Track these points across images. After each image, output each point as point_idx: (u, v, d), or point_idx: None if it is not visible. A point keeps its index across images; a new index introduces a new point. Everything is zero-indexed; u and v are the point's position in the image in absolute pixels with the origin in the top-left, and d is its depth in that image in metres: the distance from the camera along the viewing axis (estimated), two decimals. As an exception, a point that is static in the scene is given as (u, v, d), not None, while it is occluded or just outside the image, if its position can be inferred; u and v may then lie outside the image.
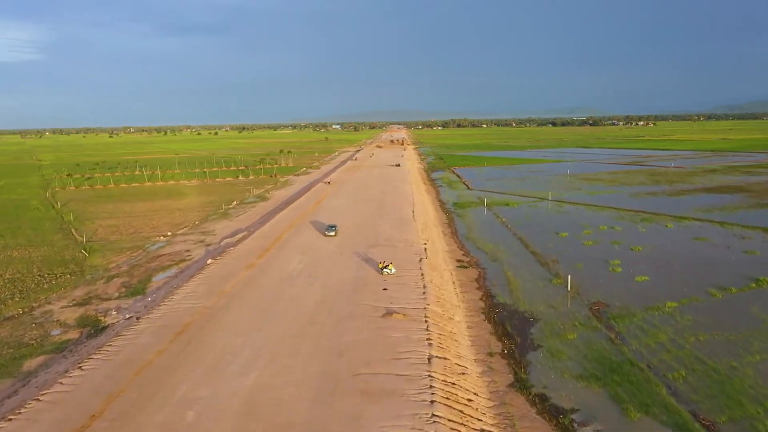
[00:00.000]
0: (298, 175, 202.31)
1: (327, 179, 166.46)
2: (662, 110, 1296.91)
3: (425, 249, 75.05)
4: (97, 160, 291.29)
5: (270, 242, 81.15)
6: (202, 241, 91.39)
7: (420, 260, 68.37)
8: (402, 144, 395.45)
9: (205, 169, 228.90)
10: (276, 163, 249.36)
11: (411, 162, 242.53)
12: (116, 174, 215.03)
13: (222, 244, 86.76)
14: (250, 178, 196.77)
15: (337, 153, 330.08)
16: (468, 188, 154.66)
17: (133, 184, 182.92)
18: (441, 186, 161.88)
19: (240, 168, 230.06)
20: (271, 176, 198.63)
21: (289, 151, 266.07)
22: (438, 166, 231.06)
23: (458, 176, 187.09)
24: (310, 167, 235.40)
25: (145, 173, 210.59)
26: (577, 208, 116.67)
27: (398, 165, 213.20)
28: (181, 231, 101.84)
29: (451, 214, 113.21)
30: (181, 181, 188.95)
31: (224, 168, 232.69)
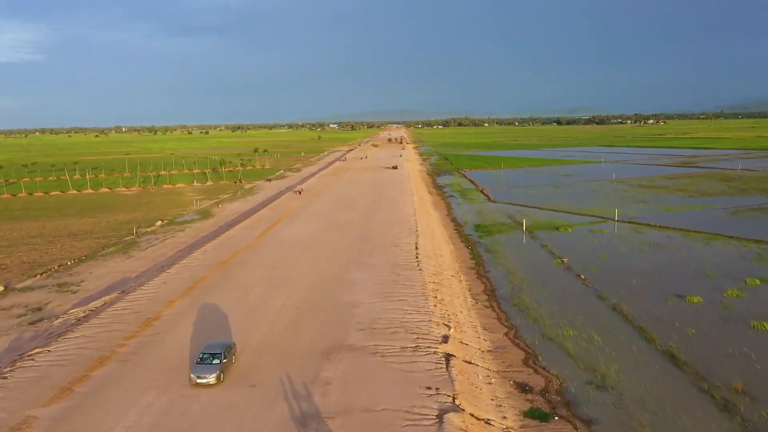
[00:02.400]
0: (271, 179, 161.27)
1: (299, 187, 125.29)
2: (661, 110, 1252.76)
3: (447, 359, 33.99)
4: (49, 161, 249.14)
5: (130, 331, 39.99)
6: (22, 315, 49.99)
7: (439, 420, 27.21)
8: (400, 142, 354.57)
9: (162, 172, 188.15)
10: (249, 165, 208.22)
11: (411, 163, 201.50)
12: (50, 178, 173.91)
13: (40, 334, 45.50)
14: (208, 184, 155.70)
15: (326, 153, 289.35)
16: (489, 200, 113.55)
17: (53, 193, 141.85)
18: (452, 196, 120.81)
19: (205, 171, 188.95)
20: (235, 182, 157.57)
21: (265, 150, 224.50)
22: (444, 168, 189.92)
23: (472, 182, 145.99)
24: (290, 169, 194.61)
25: (69, 178, 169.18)
26: (668, 235, 75.60)
27: (395, 167, 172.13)
28: (23, 284, 60.55)
29: (476, 247, 72.04)
30: (118, 189, 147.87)
31: (185, 171, 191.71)
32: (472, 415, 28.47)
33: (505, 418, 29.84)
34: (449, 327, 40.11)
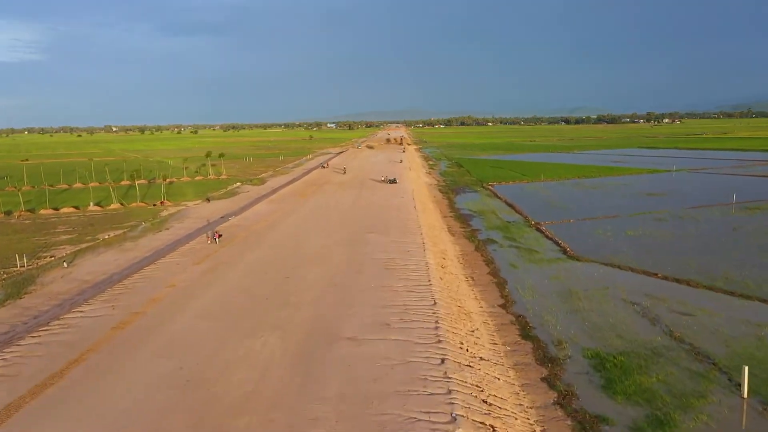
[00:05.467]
0: (210, 200, 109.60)
1: (218, 228, 72.26)
2: (662, 109, 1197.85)
3: None
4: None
5: None
6: None
7: None
8: (400, 143, 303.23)
9: (77, 185, 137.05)
10: (200, 174, 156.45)
11: (415, 173, 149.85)
12: None
13: None
14: (112, 206, 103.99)
15: (309, 156, 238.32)
16: (566, 253, 61.63)
17: None
18: (491, 241, 68.76)
19: (135, 183, 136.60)
20: (154, 204, 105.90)
21: (221, 155, 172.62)
22: (461, 180, 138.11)
23: (511, 206, 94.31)
24: (251, 181, 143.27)
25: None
26: None
27: (394, 181, 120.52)
28: None
29: None
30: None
31: (111, 183, 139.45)
32: None
33: None
34: None
